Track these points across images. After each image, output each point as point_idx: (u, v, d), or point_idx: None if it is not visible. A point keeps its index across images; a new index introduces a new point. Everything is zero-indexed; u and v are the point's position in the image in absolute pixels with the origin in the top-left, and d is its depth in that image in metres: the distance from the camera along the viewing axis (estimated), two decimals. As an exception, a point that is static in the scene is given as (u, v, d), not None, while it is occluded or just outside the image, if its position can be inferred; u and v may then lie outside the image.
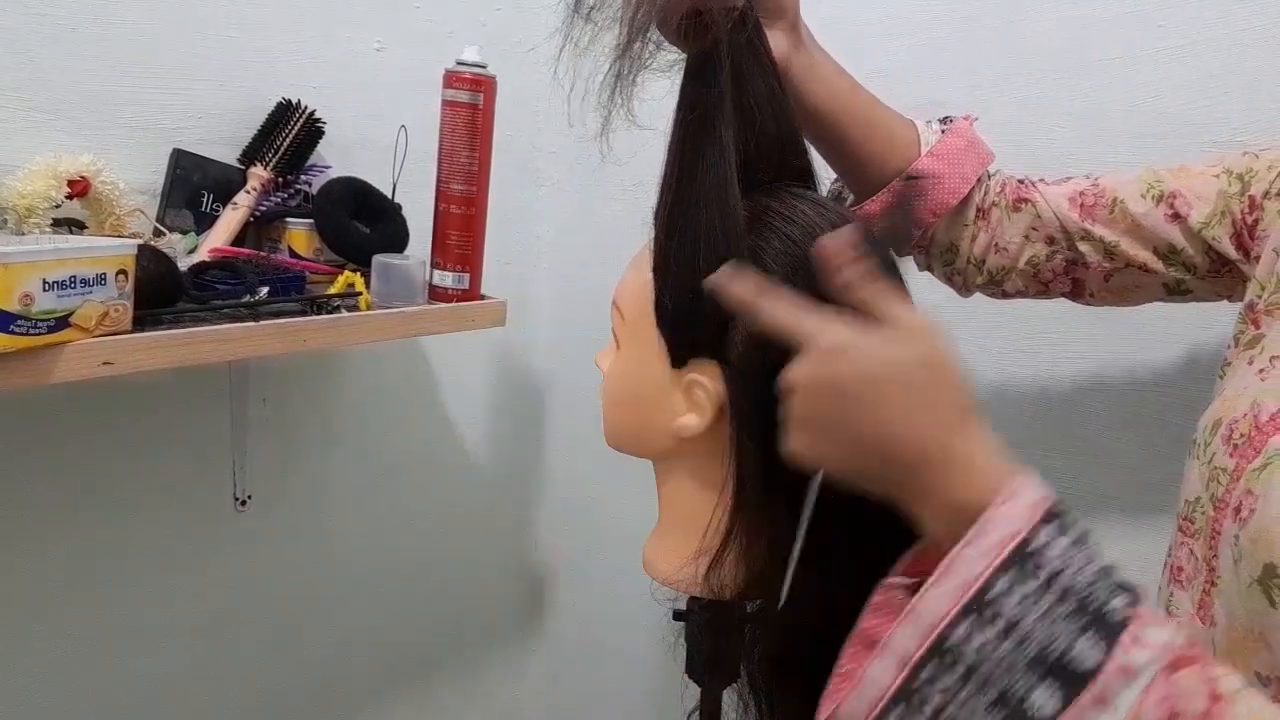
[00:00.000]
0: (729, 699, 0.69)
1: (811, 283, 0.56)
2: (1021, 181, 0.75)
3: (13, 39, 0.82)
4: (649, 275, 0.61)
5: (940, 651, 0.41)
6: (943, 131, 0.74)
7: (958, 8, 0.99)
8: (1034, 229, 0.72)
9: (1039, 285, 0.74)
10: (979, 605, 0.40)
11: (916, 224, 0.73)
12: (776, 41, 0.64)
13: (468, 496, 1.40)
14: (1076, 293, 0.74)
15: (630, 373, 0.65)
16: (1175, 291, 0.70)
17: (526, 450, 1.49)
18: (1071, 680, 0.39)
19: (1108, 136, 0.91)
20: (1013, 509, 0.42)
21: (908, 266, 0.76)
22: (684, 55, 0.61)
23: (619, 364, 0.66)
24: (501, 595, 1.51)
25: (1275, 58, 0.82)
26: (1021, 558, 0.41)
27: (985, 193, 0.75)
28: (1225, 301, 0.69)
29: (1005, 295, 0.76)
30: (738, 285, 0.51)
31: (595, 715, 1.53)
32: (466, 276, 1.00)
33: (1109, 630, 0.39)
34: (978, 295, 0.79)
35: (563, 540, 1.53)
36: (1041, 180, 0.74)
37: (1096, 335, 0.94)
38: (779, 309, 0.50)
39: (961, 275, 0.76)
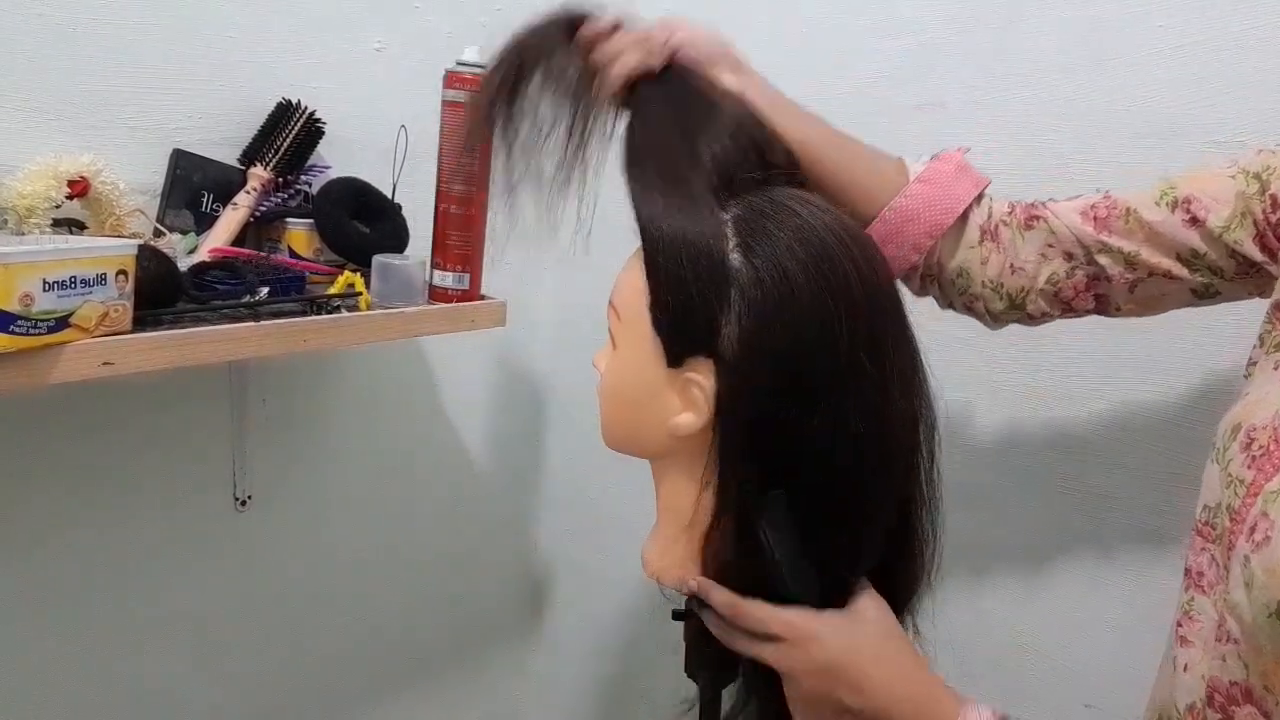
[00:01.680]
0: (728, 698, 0.70)
1: (800, 278, 0.57)
2: (1031, 203, 0.74)
3: (13, 39, 0.82)
4: (643, 276, 0.61)
5: None
6: (931, 160, 0.74)
7: (958, 8, 0.99)
8: (1050, 245, 0.71)
9: (1062, 305, 0.73)
10: None
11: (916, 248, 0.73)
12: (726, 80, 0.67)
13: (468, 496, 1.40)
14: (1101, 308, 0.72)
15: (627, 373, 0.65)
16: (1204, 295, 0.68)
17: (526, 450, 1.49)
18: None
19: (1108, 136, 0.91)
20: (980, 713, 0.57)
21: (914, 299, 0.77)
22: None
23: (616, 364, 0.66)
24: (501, 595, 1.51)
25: (1275, 58, 0.82)
26: None
27: (989, 215, 0.74)
28: (1256, 299, 0.67)
29: (1032, 319, 0.75)
30: (716, 595, 0.61)
31: (595, 715, 1.53)
32: (466, 276, 1.00)
33: None
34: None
35: (563, 540, 1.53)
36: (1051, 200, 0.73)
37: (1098, 337, 0.94)
38: (755, 611, 0.60)
39: (982, 301, 0.75)
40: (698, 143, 0.61)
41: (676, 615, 0.70)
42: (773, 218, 0.58)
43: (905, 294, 0.66)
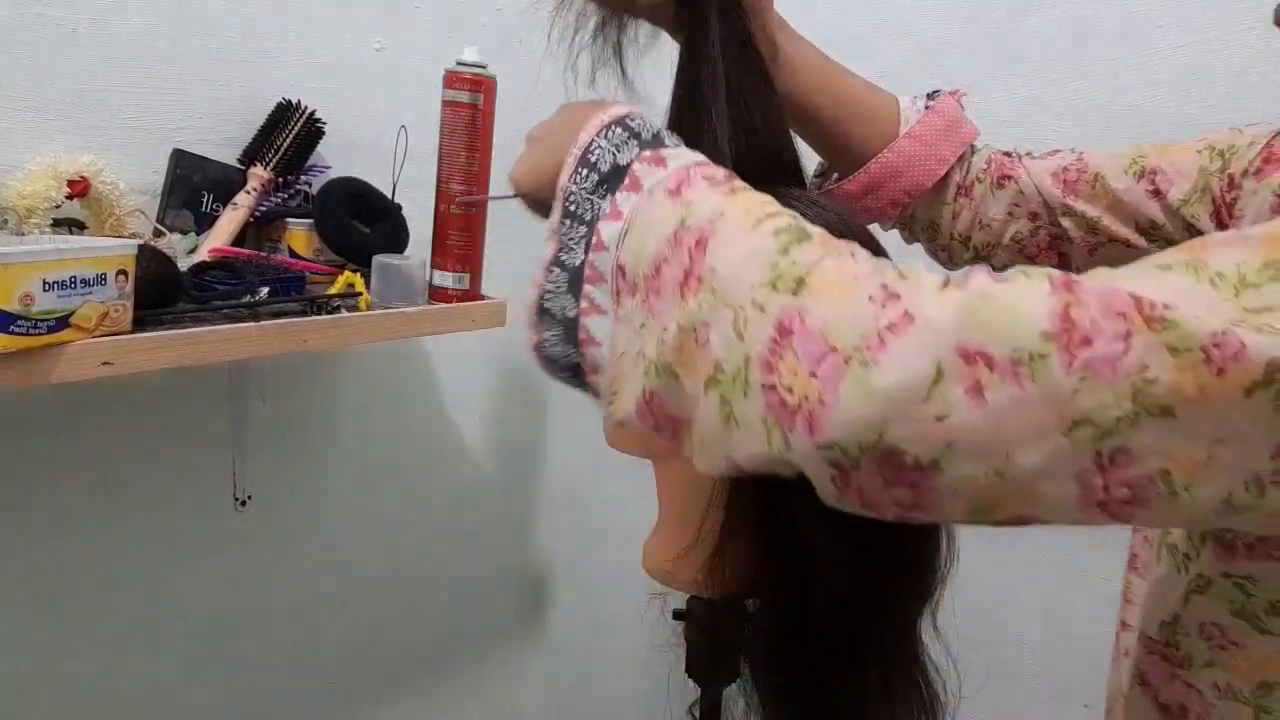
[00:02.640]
0: (728, 696, 0.69)
1: None
2: (1009, 154, 0.74)
3: (13, 39, 0.82)
4: None
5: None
6: (926, 108, 0.73)
7: (957, 8, 0.99)
8: (1016, 205, 0.72)
9: (1025, 260, 0.73)
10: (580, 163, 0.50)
11: (894, 204, 0.73)
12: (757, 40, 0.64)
13: (467, 496, 1.40)
14: (1063, 266, 0.72)
15: None
16: None
17: (526, 450, 1.49)
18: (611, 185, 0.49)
19: (1108, 136, 0.91)
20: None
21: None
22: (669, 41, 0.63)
23: None
24: (501, 595, 1.51)
25: (1275, 58, 0.82)
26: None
27: (968, 170, 0.74)
28: None
29: (994, 269, 0.76)
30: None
31: (595, 715, 1.53)
32: (466, 276, 1.00)
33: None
34: None
35: (563, 540, 1.53)
36: (1028, 154, 0.74)
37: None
38: None
39: (946, 251, 0.76)
40: (719, 136, 0.59)
41: (677, 615, 0.70)
42: None
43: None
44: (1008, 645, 1.03)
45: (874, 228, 0.69)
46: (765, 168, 0.62)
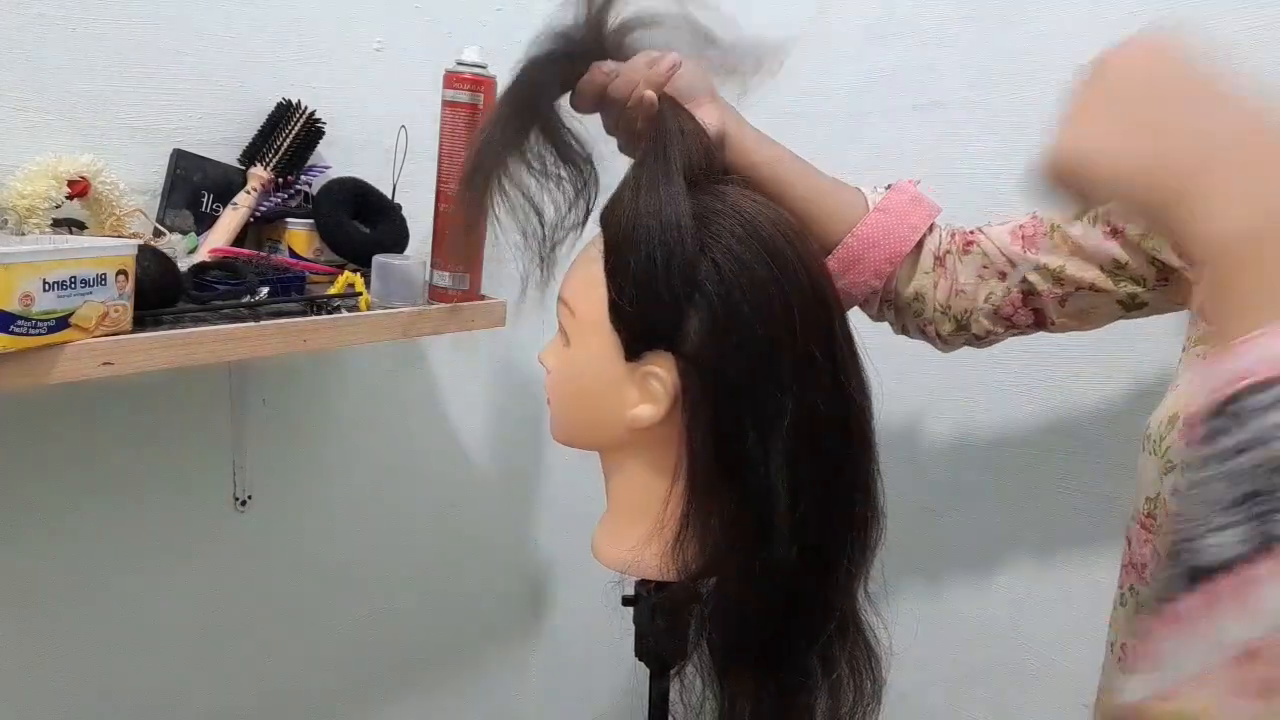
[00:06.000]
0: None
1: (757, 270, 0.59)
2: (966, 229, 0.77)
3: (12, 39, 0.82)
4: (597, 272, 0.64)
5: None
6: (888, 190, 0.76)
7: (957, 7, 0.99)
8: (984, 267, 0.74)
9: (1004, 321, 0.75)
10: None
11: (877, 274, 0.75)
12: (707, 114, 0.67)
13: (467, 496, 1.40)
14: (1040, 323, 0.75)
15: (583, 368, 0.67)
16: (1132, 307, 0.71)
17: (526, 450, 1.49)
18: None
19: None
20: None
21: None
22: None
23: (571, 360, 0.68)
24: (501, 595, 1.52)
25: (1275, 58, 0.82)
26: None
27: (939, 241, 0.77)
28: (1185, 311, 0.69)
29: (979, 340, 0.78)
30: None
31: (595, 715, 1.53)
32: (466, 277, 1.00)
33: None
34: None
35: (563, 540, 1.53)
36: (987, 224, 0.76)
37: (1098, 337, 0.94)
38: None
39: (933, 325, 0.78)
40: (669, 148, 0.63)
41: (626, 600, 0.72)
42: (725, 214, 0.61)
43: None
44: (1011, 645, 1.03)
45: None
46: (705, 169, 0.65)
